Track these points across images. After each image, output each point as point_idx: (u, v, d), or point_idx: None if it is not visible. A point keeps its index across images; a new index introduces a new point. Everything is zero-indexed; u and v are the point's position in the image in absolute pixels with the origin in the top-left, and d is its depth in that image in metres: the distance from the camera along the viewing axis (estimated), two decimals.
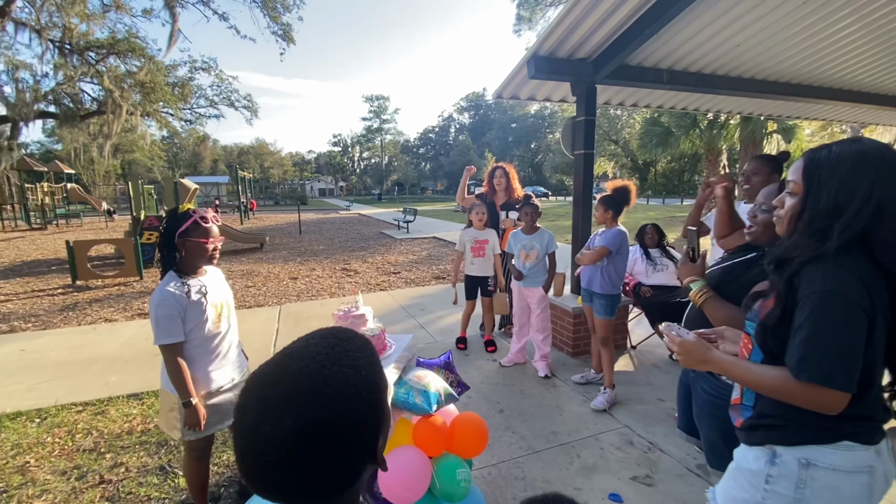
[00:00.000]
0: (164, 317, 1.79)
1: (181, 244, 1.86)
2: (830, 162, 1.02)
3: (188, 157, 61.29)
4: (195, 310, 1.87)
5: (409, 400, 1.95)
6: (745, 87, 4.51)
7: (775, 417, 1.09)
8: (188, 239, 1.85)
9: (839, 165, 1.01)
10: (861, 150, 1.00)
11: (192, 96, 21.88)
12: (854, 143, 1.02)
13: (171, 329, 1.80)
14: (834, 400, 0.95)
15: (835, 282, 0.95)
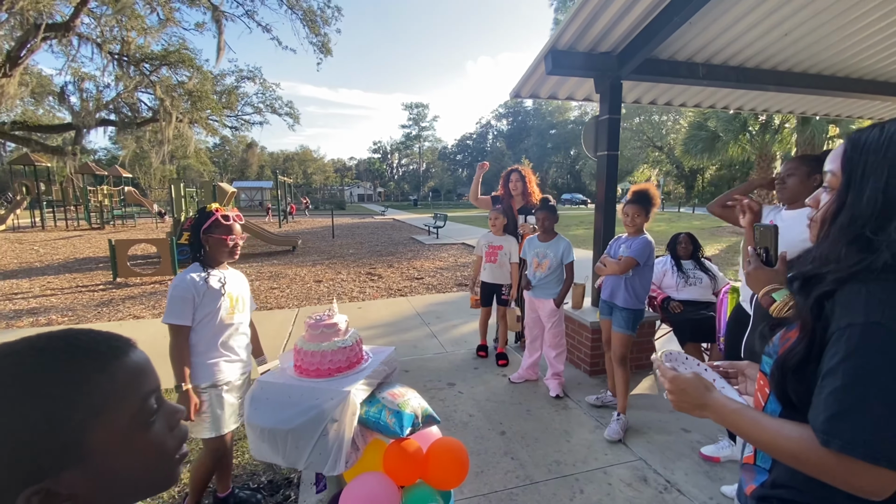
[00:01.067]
0: (178, 298, 1.90)
1: (205, 240, 2.00)
2: (881, 144, 0.74)
3: (237, 162, 64.33)
4: (212, 295, 1.98)
5: (379, 420, 1.75)
6: (796, 82, 4.05)
7: (793, 490, 0.81)
8: (211, 235, 1.99)
9: (891, 149, 0.72)
10: None
11: (237, 104, 22.86)
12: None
13: (181, 311, 1.91)
14: (878, 481, 0.66)
15: (881, 310, 0.67)
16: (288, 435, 1.66)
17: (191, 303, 1.91)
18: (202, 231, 1.96)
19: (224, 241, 2.00)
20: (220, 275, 2.03)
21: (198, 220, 1.99)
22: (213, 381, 1.97)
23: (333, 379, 1.77)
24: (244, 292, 2.17)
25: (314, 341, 1.83)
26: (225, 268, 2.09)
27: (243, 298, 2.15)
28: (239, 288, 2.13)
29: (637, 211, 2.88)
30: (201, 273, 1.97)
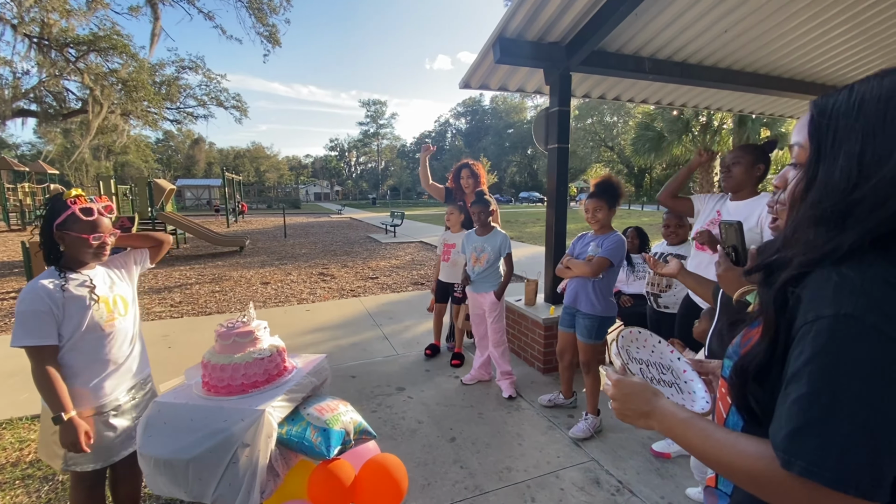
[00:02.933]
0: (28, 313, 1.52)
1: (59, 237, 1.60)
2: (852, 105, 0.61)
3: (183, 159, 60.93)
4: (75, 305, 1.59)
5: (303, 440, 1.54)
6: (734, 79, 4.15)
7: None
8: (67, 233, 1.59)
9: (865, 109, 0.60)
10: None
11: (178, 95, 21.53)
12: (891, 76, 0.60)
13: (37, 328, 1.52)
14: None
15: (854, 300, 0.55)
16: (189, 465, 1.41)
17: (48, 316, 1.53)
18: (55, 226, 1.58)
19: (85, 240, 1.60)
20: (82, 277, 1.64)
21: (49, 213, 1.60)
22: (97, 406, 1.65)
23: (247, 396, 1.54)
24: (125, 291, 1.79)
25: (225, 353, 1.58)
26: (92, 267, 1.70)
27: (123, 298, 1.77)
28: (116, 287, 1.76)
29: (597, 205, 2.63)
30: (57, 279, 1.58)
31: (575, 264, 2.69)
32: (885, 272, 0.55)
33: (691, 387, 0.95)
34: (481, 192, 3.42)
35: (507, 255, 3.26)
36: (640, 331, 1.03)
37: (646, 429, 0.77)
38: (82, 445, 1.55)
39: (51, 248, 1.62)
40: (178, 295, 6.85)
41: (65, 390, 1.56)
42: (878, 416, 0.52)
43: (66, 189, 1.70)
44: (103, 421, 1.66)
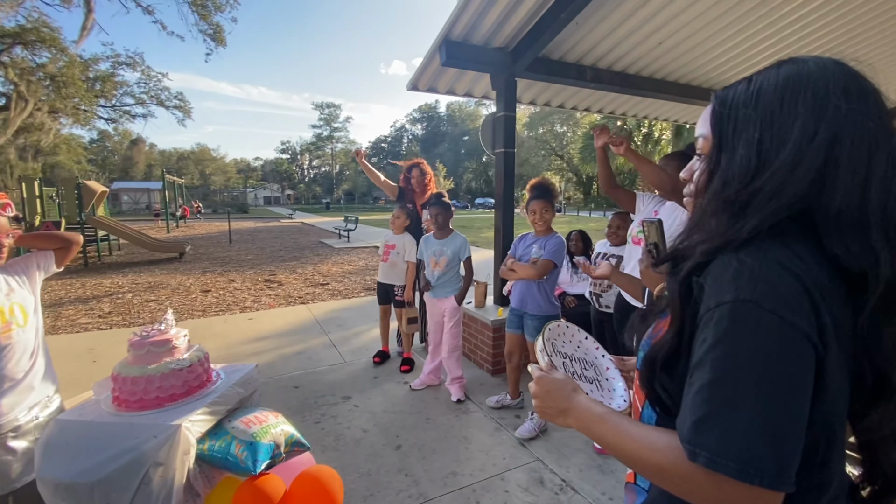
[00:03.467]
0: None
1: None
2: (751, 95, 0.63)
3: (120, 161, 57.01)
4: None
5: (227, 456, 1.43)
6: (669, 90, 4.39)
7: None
8: None
9: (762, 99, 0.62)
10: (798, 71, 0.61)
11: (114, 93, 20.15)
12: (788, 64, 0.63)
13: None
14: (753, 502, 0.53)
15: (754, 285, 0.54)
16: (94, 489, 1.27)
17: None
18: None
19: None
20: None
21: None
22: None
23: (163, 410, 1.41)
24: (24, 299, 1.62)
25: (138, 363, 1.45)
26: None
27: (22, 307, 1.60)
28: (14, 295, 1.59)
29: (545, 206, 2.71)
30: None
31: (520, 267, 2.73)
32: (782, 256, 0.56)
33: (612, 384, 0.95)
34: (440, 195, 3.38)
35: (467, 258, 3.24)
36: (567, 325, 1.03)
37: (564, 426, 0.75)
38: None
39: None
40: (108, 305, 6.34)
41: None
42: (778, 402, 0.52)
43: None
44: (0, 444, 1.47)
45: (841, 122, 0.57)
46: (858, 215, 0.56)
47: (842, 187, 0.57)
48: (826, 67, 0.60)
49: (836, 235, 0.57)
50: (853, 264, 0.56)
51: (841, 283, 0.56)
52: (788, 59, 0.63)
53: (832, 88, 0.58)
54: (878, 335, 0.55)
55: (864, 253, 0.55)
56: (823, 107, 0.57)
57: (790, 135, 0.58)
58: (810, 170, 0.57)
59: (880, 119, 0.58)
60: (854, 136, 0.57)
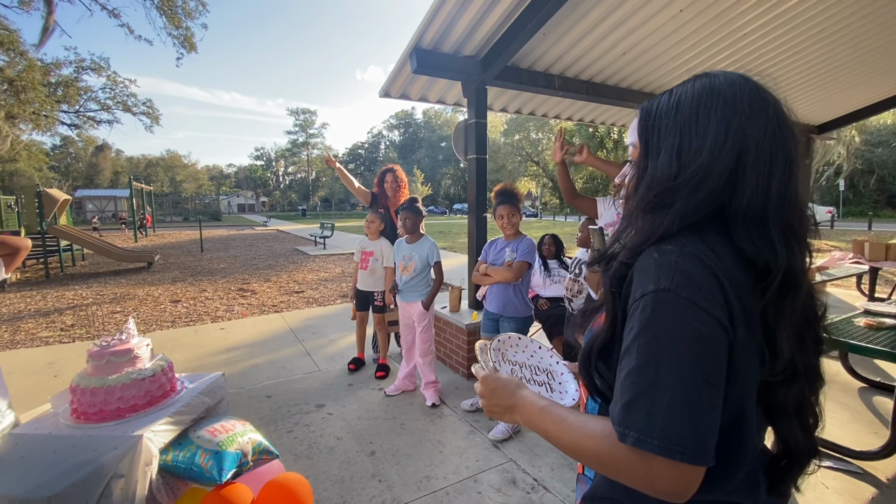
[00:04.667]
0: None
1: None
2: (671, 106, 0.69)
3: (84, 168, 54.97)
4: None
5: (192, 466, 1.41)
6: (635, 98, 4.55)
7: (607, 502, 0.73)
8: None
9: (680, 110, 0.68)
10: (710, 84, 0.67)
11: (77, 98, 19.46)
12: (702, 79, 0.69)
13: None
14: (678, 477, 0.57)
15: (671, 276, 0.59)
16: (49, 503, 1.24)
17: None
18: None
19: None
20: None
21: None
22: None
23: (123, 421, 1.38)
24: None
25: (98, 374, 1.42)
26: None
27: None
28: None
29: (512, 210, 2.77)
30: None
31: (495, 271, 2.78)
32: (697, 249, 0.61)
33: (565, 386, 0.98)
34: (413, 199, 3.38)
35: (437, 263, 3.25)
36: (520, 337, 1.05)
37: (511, 423, 0.78)
38: None
39: None
40: (71, 317, 6.09)
41: None
42: (696, 383, 0.56)
43: None
44: None
45: (746, 131, 0.63)
46: (761, 214, 0.63)
47: (748, 189, 0.63)
48: (734, 82, 0.66)
49: (744, 231, 0.63)
50: (757, 257, 0.62)
51: (749, 273, 0.62)
52: (703, 73, 0.70)
53: (738, 101, 0.64)
54: (779, 320, 0.61)
55: (766, 247, 0.62)
56: (732, 117, 0.64)
57: (705, 142, 0.65)
58: (722, 173, 0.63)
59: (779, 128, 0.64)
60: (757, 143, 0.63)
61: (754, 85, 0.66)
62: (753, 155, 0.63)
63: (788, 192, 0.63)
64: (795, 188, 0.64)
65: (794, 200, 0.64)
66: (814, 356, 0.67)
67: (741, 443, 0.62)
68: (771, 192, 0.63)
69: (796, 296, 0.62)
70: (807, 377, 0.65)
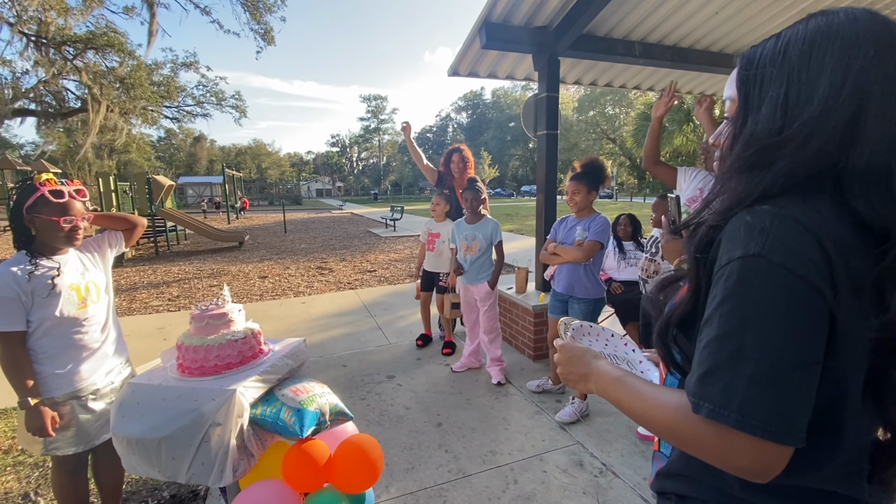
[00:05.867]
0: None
1: (30, 221, 1.59)
2: (778, 52, 0.60)
3: (184, 157, 61.11)
4: (42, 292, 1.57)
5: (277, 421, 1.54)
6: (729, 63, 4.09)
7: (685, 481, 0.68)
8: (37, 215, 1.58)
9: (789, 55, 0.59)
10: (827, 23, 0.58)
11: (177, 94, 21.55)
12: (817, 17, 0.59)
13: (4, 314, 1.51)
14: (759, 456, 0.52)
15: (764, 238, 0.53)
16: (161, 444, 1.42)
17: (15, 302, 1.51)
18: (25, 209, 1.56)
19: (55, 223, 1.57)
20: (52, 264, 1.62)
21: (19, 196, 1.57)
22: (73, 391, 1.65)
23: (220, 377, 1.54)
24: (97, 277, 1.77)
25: (199, 334, 1.59)
26: (64, 252, 1.68)
27: (96, 284, 1.75)
28: (87, 274, 1.73)
29: (576, 188, 2.62)
30: (25, 265, 1.55)
31: (564, 250, 2.68)
32: (797, 211, 0.54)
33: (647, 375, 0.93)
34: (473, 180, 3.38)
35: (499, 242, 3.23)
36: (591, 325, 1.01)
37: (584, 391, 0.75)
38: (48, 430, 1.56)
39: (21, 232, 1.60)
40: (176, 289, 6.89)
41: (31, 376, 1.57)
42: (785, 356, 0.51)
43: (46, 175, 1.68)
44: (81, 405, 1.67)
45: (871, 74, 0.54)
46: (884, 171, 0.53)
47: (870, 142, 0.54)
48: (857, 18, 0.56)
49: (860, 190, 0.54)
50: (875, 219, 0.53)
51: (864, 238, 0.53)
52: (820, 11, 0.59)
53: (862, 39, 0.54)
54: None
55: (886, 209, 0.53)
56: (852, 59, 0.54)
57: (817, 89, 0.56)
58: (837, 125, 0.54)
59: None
60: (884, 89, 0.53)
61: (884, 21, 0.56)
62: (879, 102, 0.53)
63: None
64: None
65: None
66: None
67: (840, 425, 0.55)
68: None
69: None
70: None
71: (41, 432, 1.55)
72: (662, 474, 0.72)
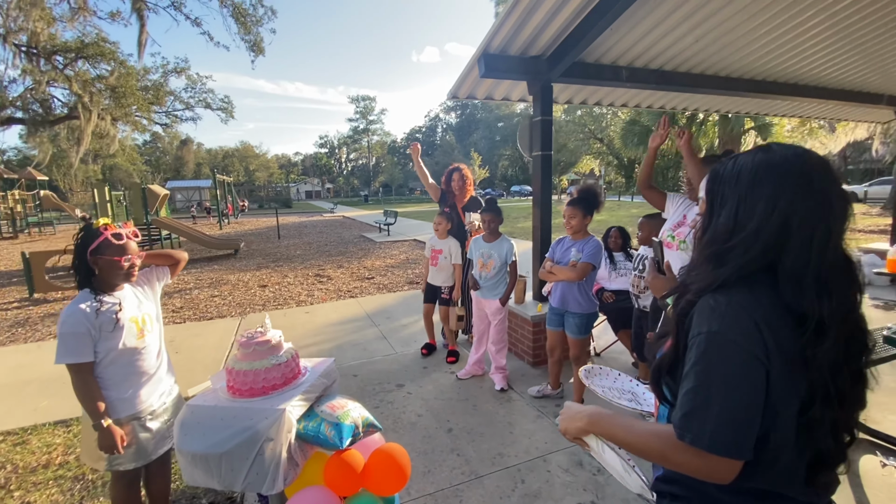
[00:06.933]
0: (69, 335, 1.72)
1: (94, 262, 1.79)
2: (732, 174, 0.86)
3: (171, 161, 60.37)
4: (108, 326, 1.78)
5: (318, 434, 1.76)
6: (707, 84, 4.39)
7: (678, 485, 0.92)
8: (101, 257, 1.79)
9: (741, 177, 0.84)
10: (767, 159, 0.83)
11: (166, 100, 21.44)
12: (760, 152, 0.85)
13: (76, 347, 1.72)
14: (722, 468, 0.77)
15: (721, 320, 0.78)
16: (222, 458, 1.63)
17: (86, 337, 1.71)
18: (90, 252, 1.76)
19: (117, 263, 1.79)
20: (114, 300, 1.82)
21: (83, 240, 1.78)
22: (135, 413, 1.85)
23: (268, 397, 1.75)
24: (150, 309, 1.98)
25: (247, 360, 1.80)
26: (121, 288, 1.88)
27: (150, 316, 1.96)
28: (142, 306, 1.94)
29: (572, 213, 2.89)
30: (92, 302, 1.75)
31: (559, 270, 2.93)
32: (743, 299, 0.78)
33: (649, 400, 1.18)
34: (493, 201, 3.61)
35: (513, 262, 3.46)
36: (601, 368, 1.26)
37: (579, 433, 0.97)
38: (119, 448, 1.76)
39: (85, 272, 1.80)
40: (179, 300, 7.01)
41: (102, 400, 1.76)
42: (737, 402, 0.76)
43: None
44: (141, 425, 1.87)
45: (793, 204, 0.78)
46: (801, 273, 0.78)
47: (792, 252, 0.78)
48: (787, 159, 0.81)
49: (787, 286, 0.79)
50: (797, 307, 0.77)
51: (791, 320, 0.78)
52: (766, 146, 0.85)
53: (788, 178, 0.79)
54: (814, 356, 0.77)
55: (803, 300, 0.77)
56: (781, 191, 0.79)
57: (756, 211, 0.81)
58: (769, 238, 0.79)
59: (822, 202, 0.78)
60: (802, 215, 0.78)
61: (806, 161, 0.80)
62: (798, 224, 0.78)
63: (826, 256, 0.78)
64: (834, 251, 0.79)
65: (831, 261, 0.78)
66: (852, 385, 0.81)
67: (777, 445, 0.80)
68: (811, 255, 0.77)
69: (829, 338, 0.76)
70: (841, 402, 0.80)
71: (112, 450, 1.75)
72: (661, 479, 0.97)
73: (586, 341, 3.04)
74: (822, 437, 0.81)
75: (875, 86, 5.25)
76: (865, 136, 14.33)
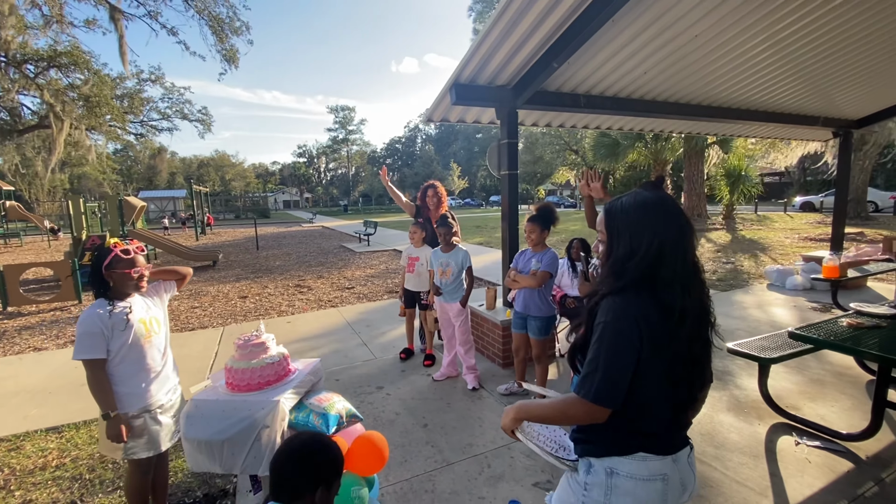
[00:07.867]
0: (86, 334, 1.94)
1: (108, 276, 2.04)
2: (622, 213, 1.21)
3: (143, 170, 58.97)
4: (121, 326, 2.01)
5: (308, 423, 2.03)
6: (660, 109, 4.87)
7: (586, 432, 1.25)
8: (114, 271, 2.04)
9: (628, 216, 1.19)
10: (642, 201, 1.18)
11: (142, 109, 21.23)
12: (638, 195, 1.20)
13: (91, 345, 1.95)
14: (598, 414, 1.12)
15: (613, 314, 1.12)
16: (224, 444, 1.89)
17: (100, 336, 1.94)
18: (104, 268, 2.01)
19: (128, 274, 2.04)
20: (125, 305, 2.05)
21: (97, 259, 2.03)
22: (145, 406, 2.06)
23: (264, 391, 2.02)
24: (156, 312, 2.22)
25: (244, 359, 2.06)
26: (132, 297, 2.11)
27: (157, 319, 2.19)
28: (150, 311, 2.18)
29: (531, 228, 3.26)
30: (106, 307, 2.00)
31: (521, 278, 3.28)
32: (630, 301, 1.13)
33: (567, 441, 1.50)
34: (445, 217, 3.97)
35: (468, 268, 3.82)
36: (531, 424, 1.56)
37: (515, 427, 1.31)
38: (123, 436, 1.98)
39: (101, 285, 2.05)
40: None
41: (111, 394, 1.99)
42: (616, 370, 1.10)
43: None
44: (152, 417, 2.09)
45: (664, 234, 1.14)
46: (672, 280, 1.13)
47: (667, 268, 1.13)
48: (655, 200, 1.18)
49: (663, 290, 1.13)
50: (670, 303, 1.12)
51: (662, 310, 1.12)
52: (635, 191, 1.21)
53: (658, 213, 1.16)
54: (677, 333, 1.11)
55: (672, 298, 1.12)
56: (654, 225, 1.15)
57: (643, 240, 1.15)
58: (652, 259, 1.14)
59: (684, 226, 1.15)
60: (672, 240, 1.14)
61: (666, 201, 1.18)
62: (669, 249, 1.13)
63: (686, 266, 1.14)
64: (690, 263, 1.15)
65: (689, 269, 1.15)
66: (702, 349, 1.18)
67: (647, 397, 1.14)
68: (677, 268, 1.13)
69: (688, 319, 1.12)
70: (694, 363, 1.15)
71: (118, 439, 1.97)
72: (575, 431, 1.30)
73: (547, 342, 3.38)
74: (682, 391, 1.16)
75: (813, 109, 5.86)
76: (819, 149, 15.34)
